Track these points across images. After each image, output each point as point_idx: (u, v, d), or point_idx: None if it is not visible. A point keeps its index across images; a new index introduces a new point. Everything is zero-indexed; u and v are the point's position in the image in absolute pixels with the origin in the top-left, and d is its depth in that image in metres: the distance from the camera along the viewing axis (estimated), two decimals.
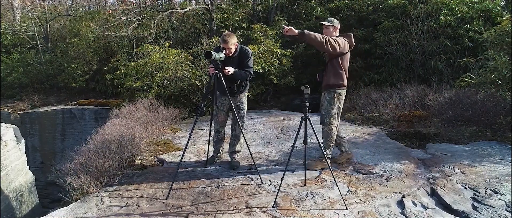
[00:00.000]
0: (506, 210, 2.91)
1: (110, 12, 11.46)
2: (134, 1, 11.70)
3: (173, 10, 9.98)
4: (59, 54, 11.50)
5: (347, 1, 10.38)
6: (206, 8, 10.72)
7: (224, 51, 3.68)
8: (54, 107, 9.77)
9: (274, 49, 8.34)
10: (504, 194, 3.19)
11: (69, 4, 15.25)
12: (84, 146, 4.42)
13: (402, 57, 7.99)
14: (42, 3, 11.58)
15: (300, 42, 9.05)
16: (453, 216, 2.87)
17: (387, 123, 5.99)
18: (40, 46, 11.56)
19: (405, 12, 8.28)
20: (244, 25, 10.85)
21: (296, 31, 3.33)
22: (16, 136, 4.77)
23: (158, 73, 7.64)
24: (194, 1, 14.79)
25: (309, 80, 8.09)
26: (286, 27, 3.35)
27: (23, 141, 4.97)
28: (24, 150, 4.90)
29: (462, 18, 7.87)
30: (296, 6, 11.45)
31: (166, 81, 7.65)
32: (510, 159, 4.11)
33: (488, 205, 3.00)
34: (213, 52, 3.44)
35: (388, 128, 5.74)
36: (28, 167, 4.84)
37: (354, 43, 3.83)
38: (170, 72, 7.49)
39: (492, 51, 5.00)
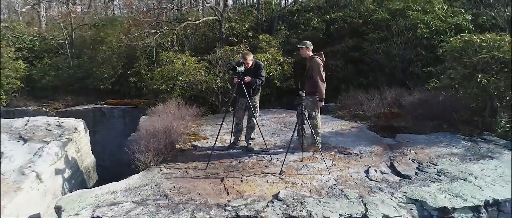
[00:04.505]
0: (436, 174, 4.35)
1: (131, 21, 12.92)
2: (151, 13, 13.08)
3: (189, 22, 11.38)
4: (85, 60, 12.95)
5: (341, 14, 11.82)
6: (216, 19, 12.17)
7: (243, 65, 5.12)
8: (85, 107, 11.21)
9: (277, 57, 9.76)
10: (438, 165, 4.63)
11: (87, 10, 16.68)
12: (135, 134, 5.86)
13: (386, 64, 9.42)
14: (72, 14, 12.98)
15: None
16: (400, 178, 4.32)
17: (369, 119, 7.42)
18: (69, 52, 12.99)
19: (388, 25, 9.71)
20: (250, 34, 12.27)
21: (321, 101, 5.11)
22: (84, 127, 6.21)
23: (180, 78, 9.07)
24: (201, 9, 16.14)
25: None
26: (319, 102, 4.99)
27: (88, 131, 6.38)
28: (89, 138, 6.32)
29: (436, 31, 9.28)
30: (296, 17, 12.88)
31: (186, 84, 9.08)
32: (455, 144, 5.55)
33: (425, 172, 4.44)
34: (237, 67, 4.89)
35: (369, 122, 7.18)
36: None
37: (324, 59, 5.28)
38: (190, 77, 8.92)
39: (447, 64, 6.43)
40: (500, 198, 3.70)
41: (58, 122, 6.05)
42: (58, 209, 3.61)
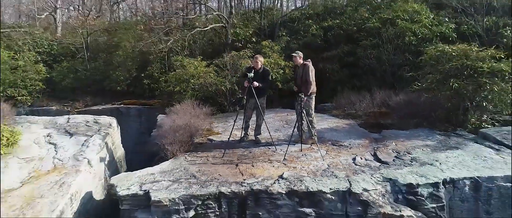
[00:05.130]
0: (409, 161, 5.40)
1: (143, 27, 13.97)
2: (161, 20, 14.11)
3: (198, 29, 12.42)
4: (101, 63, 13.99)
5: (337, 21, 12.86)
6: (223, 26, 13.22)
7: (253, 67, 6.15)
8: (103, 106, 12.24)
9: (279, 62, 10.78)
10: (412, 154, 5.67)
11: (97, 16, 17.72)
12: (156, 131, 6.90)
13: (377, 68, 10.45)
14: (91, 22, 14.02)
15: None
16: (380, 163, 5.36)
17: (360, 117, 8.47)
18: (86, 56, 14.03)
19: (379, 33, 10.73)
20: (254, 39, 13.32)
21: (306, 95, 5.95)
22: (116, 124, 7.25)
23: (192, 81, 10.11)
24: (204, 14, 17.11)
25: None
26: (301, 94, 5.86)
27: (119, 127, 7.40)
28: (120, 133, 7.34)
29: (423, 38, 10.31)
30: (296, 23, 13.91)
31: (197, 86, 10.12)
32: (430, 138, 6.59)
33: (401, 159, 5.49)
34: (248, 73, 5.93)
35: (360, 120, 8.22)
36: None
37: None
38: (201, 80, 9.96)
39: (426, 69, 7.48)
40: (455, 177, 4.74)
41: (94, 119, 7.10)
42: (112, 186, 4.66)
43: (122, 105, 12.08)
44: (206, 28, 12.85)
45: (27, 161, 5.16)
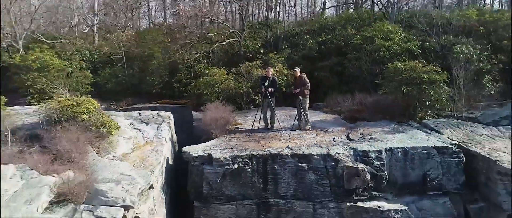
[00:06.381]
0: (368, 139, 8.49)
1: (170, 40, 17.10)
2: (184, 34, 17.20)
3: (219, 43, 15.57)
4: (136, 70, 17.07)
5: (329, 37, 15.96)
6: (237, 40, 16.34)
7: (267, 77, 9.25)
8: (142, 105, 15.30)
9: (283, 70, 13.86)
10: (372, 136, 8.75)
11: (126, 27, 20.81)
12: (197, 121, 10.01)
13: (359, 76, 13.54)
14: (127, 36, 17.12)
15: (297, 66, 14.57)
16: (349, 141, 8.46)
17: (343, 113, 11.55)
18: (124, 64, 17.12)
19: (361, 48, 13.83)
20: (262, 51, 16.42)
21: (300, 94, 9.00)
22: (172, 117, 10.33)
23: (216, 85, 13.18)
24: (222, 27, 20.19)
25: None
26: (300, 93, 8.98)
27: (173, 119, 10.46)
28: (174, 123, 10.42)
29: (394, 53, 13.40)
30: (296, 38, 17.00)
31: (220, 89, 13.18)
32: (388, 126, 9.66)
33: (363, 138, 8.59)
34: (264, 83, 9.01)
35: (342, 115, 11.30)
36: None
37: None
38: (224, 85, 13.04)
39: (388, 78, 10.57)
40: (393, 147, 7.84)
41: (157, 113, 10.19)
42: (185, 152, 7.75)
43: (157, 104, 15.14)
44: (224, 43, 15.95)
45: (128, 138, 8.22)
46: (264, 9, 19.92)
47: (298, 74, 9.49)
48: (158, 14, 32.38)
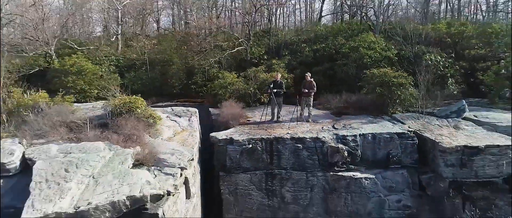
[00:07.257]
0: (348, 128, 11.31)
1: (186, 48, 19.93)
2: (197, 43, 20.00)
3: (229, 50, 18.40)
4: (158, 73, 19.87)
5: (323, 45, 18.78)
6: (244, 48, 19.16)
7: (274, 82, 12.08)
8: (165, 103, 18.10)
9: (285, 74, 16.65)
10: (351, 126, 11.58)
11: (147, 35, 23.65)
12: (215, 116, 12.84)
13: (346, 79, 16.35)
14: (148, 45, 19.95)
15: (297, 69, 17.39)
16: (334, 129, 11.29)
17: (332, 109, 14.36)
18: (148, 68, 19.93)
19: (348, 56, 16.64)
20: (266, 57, 19.23)
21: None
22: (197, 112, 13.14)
23: (228, 87, 15.98)
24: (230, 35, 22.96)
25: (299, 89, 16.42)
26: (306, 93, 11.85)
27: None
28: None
29: (376, 60, 16.21)
30: (295, 46, 19.82)
31: (231, 90, 15.97)
32: (365, 119, 12.48)
33: (344, 128, 11.42)
34: (273, 85, 11.84)
35: (331, 111, 14.12)
36: None
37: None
38: (235, 86, 15.84)
39: (367, 81, 13.38)
40: (365, 132, 10.67)
41: (186, 109, 13.01)
42: (213, 136, 10.58)
43: (178, 103, 17.94)
44: (233, 50, 18.78)
45: (169, 127, 11.02)
46: (266, 19, 22.79)
47: (309, 79, 12.30)
48: (166, 18, 35.34)
